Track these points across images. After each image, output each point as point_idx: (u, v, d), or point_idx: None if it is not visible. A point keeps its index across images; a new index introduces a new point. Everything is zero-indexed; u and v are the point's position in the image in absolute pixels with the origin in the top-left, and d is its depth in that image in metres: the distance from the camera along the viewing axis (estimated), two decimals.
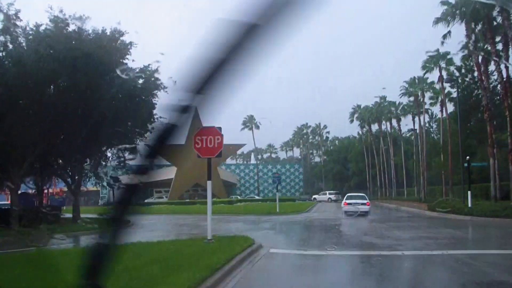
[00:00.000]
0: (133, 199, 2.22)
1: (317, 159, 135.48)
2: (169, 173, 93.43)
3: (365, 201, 40.49)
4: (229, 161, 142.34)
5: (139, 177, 2.24)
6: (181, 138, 2.22)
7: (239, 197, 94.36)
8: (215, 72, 2.03)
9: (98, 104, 30.93)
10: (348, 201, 41.02)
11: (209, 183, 16.95)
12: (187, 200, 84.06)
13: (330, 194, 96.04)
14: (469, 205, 37.47)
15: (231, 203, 72.38)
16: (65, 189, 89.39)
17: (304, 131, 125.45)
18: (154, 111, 36.75)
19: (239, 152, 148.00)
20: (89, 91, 30.38)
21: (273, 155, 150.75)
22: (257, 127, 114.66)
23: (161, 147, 2.17)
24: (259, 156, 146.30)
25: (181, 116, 2.14)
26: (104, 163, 40.95)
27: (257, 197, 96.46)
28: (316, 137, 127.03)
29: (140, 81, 35.20)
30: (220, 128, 17.08)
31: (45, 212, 35.08)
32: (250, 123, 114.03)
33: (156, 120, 37.26)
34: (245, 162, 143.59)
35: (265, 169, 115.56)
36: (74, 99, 30.41)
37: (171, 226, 34.82)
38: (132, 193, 2.22)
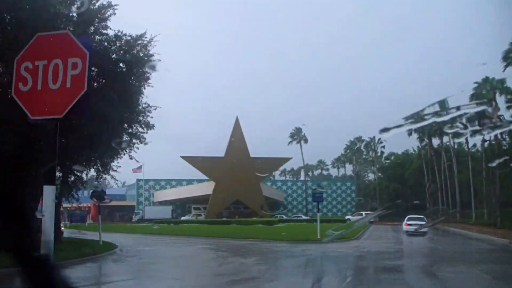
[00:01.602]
0: None
1: (371, 176, 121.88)
2: (207, 188, 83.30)
3: (423, 223, 43.89)
4: (277, 177, 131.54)
5: None
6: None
7: (284, 217, 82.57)
8: None
9: None
10: (408, 222, 44.16)
11: (47, 189, 5.68)
12: (224, 219, 73.11)
13: (366, 214, 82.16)
14: None
15: (270, 224, 60.68)
16: (88, 204, 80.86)
17: (357, 145, 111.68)
18: (143, 98, 26.38)
19: (288, 168, 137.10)
20: None
21: (324, 172, 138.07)
22: (306, 141, 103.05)
23: None
24: (309, 173, 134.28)
25: None
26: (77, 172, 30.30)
27: (303, 217, 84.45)
28: (370, 153, 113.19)
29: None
30: (88, 40, 5.93)
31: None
32: (297, 136, 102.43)
33: (145, 110, 26.92)
34: (294, 179, 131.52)
35: (314, 186, 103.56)
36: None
37: (158, 261, 23.62)
38: None
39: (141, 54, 24.34)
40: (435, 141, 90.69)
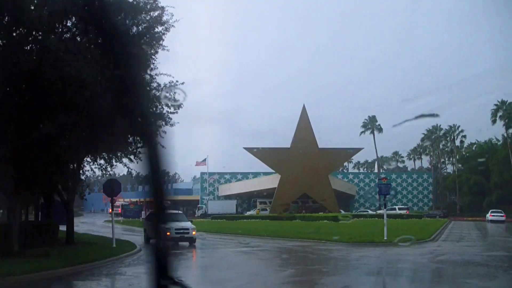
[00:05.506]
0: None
1: (449, 168, 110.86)
2: (274, 181, 77.08)
3: (502, 214, 59.29)
4: (351, 169, 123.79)
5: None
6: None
7: (348, 212, 74.74)
8: None
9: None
10: (492, 214, 59.83)
11: None
12: (288, 214, 66.65)
13: (400, 209, 75.32)
14: None
15: (336, 220, 54.02)
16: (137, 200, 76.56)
17: (435, 134, 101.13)
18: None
19: (362, 160, 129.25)
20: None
21: (400, 165, 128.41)
22: (380, 130, 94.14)
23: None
24: (384, 166, 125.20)
25: None
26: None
27: (370, 212, 75.93)
28: (449, 143, 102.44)
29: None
30: None
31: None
32: (371, 125, 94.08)
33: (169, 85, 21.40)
34: (367, 171, 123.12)
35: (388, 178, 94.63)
36: None
37: None
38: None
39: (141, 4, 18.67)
40: None
